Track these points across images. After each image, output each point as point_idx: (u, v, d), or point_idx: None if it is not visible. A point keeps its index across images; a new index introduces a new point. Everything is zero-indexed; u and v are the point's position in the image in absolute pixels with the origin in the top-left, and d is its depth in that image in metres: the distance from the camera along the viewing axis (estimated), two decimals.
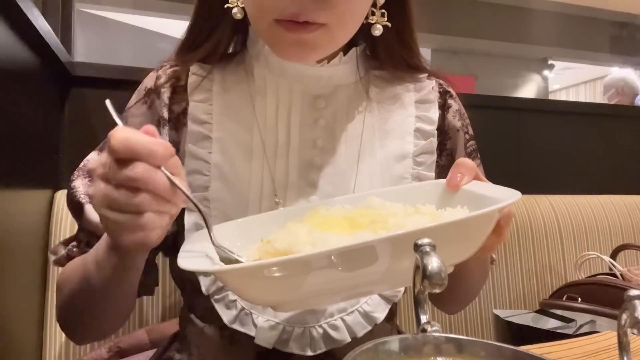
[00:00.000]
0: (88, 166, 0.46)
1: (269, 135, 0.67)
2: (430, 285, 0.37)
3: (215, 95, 0.68)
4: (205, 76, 0.69)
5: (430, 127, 0.71)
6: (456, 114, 0.75)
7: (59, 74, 1.09)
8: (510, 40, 6.13)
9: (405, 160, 0.70)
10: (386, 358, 0.32)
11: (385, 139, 0.70)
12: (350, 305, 0.66)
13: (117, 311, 0.64)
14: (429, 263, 0.36)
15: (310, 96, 0.68)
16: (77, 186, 0.68)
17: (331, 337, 0.64)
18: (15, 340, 0.79)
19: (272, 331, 0.63)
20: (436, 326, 0.37)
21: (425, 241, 0.40)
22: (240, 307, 0.64)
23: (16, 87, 0.80)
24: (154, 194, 0.45)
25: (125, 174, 0.44)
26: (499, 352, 0.33)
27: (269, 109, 0.68)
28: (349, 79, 0.70)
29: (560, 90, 9.34)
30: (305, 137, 0.67)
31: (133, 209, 0.45)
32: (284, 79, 0.67)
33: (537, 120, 1.61)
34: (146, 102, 0.70)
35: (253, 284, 0.44)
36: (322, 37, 0.59)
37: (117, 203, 0.45)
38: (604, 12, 6.15)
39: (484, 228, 0.48)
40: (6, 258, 0.74)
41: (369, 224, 0.51)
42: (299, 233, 0.49)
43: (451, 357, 0.33)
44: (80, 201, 0.66)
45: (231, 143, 0.67)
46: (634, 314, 0.33)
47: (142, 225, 0.46)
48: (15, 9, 0.73)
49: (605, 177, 1.69)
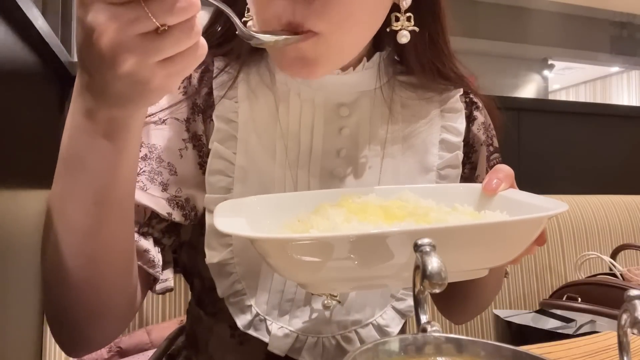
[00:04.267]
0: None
1: (291, 143, 0.65)
2: (431, 285, 0.37)
3: (241, 95, 0.65)
4: (233, 75, 0.65)
5: (457, 138, 0.69)
6: (481, 127, 0.73)
7: (59, 74, 1.09)
8: (510, 40, 6.13)
9: (429, 174, 0.68)
10: (386, 358, 0.32)
11: (409, 150, 0.68)
12: (365, 319, 0.65)
13: (124, 266, 0.52)
14: (429, 263, 0.36)
15: (333, 104, 0.66)
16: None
17: (344, 349, 0.64)
18: (15, 341, 0.79)
19: (285, 339, 0.63)
20: (436, 326, 0.37)
21: (426, 241, 0.40)
22: (255, 312, 0.63)
23: (16, 87, 0.80)
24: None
25: (182, 6, 0.36)
26: (499, 352, 0.33)
27: (291, 116, 0.65)
28: (371, 85, 0.67)
29: (560, 90, 9.33)
30: (329, 146, 0.65)
31: (197, 38, 0.39)
32: (306, 86, 0.65)
33: (537, 120, 1.61)
34: (178, 88, 0.64)
35: (292, 260, 0.43)
36: (319, 48, 0.55)
37: (179, 46, 0.38)
38: (604, 12, 6.14)
39: (531, 233, 0.47)
40: (6, 258, 0.74)
41: (407, 215, 0.50)
42: (337, 219, 0.48)
43: (451, 357, 0.33)
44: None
45: (256, 146, 0.64)
46: (634, 314, 0.33)
47: (203, 52, 0.40)
48: (15, 9, 0.73)
49: (605, 177, 1.69)
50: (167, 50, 0.38)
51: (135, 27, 0.36)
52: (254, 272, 0.62)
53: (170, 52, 0.38)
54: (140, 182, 0.58)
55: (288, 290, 0.63)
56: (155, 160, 0.60)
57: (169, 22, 0.37)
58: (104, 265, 0.50)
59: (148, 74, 0.39)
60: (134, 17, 0.36)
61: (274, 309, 0.63)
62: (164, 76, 0.40)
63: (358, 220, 0.49)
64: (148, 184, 0.59)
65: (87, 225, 0.47)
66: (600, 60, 6.97)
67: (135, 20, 0.36)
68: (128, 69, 0.38)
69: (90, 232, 0.47)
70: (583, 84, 9.16)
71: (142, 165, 0.59)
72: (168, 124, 0.62)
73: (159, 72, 0.39)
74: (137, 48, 0.37)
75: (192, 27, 0.38)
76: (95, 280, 0.50)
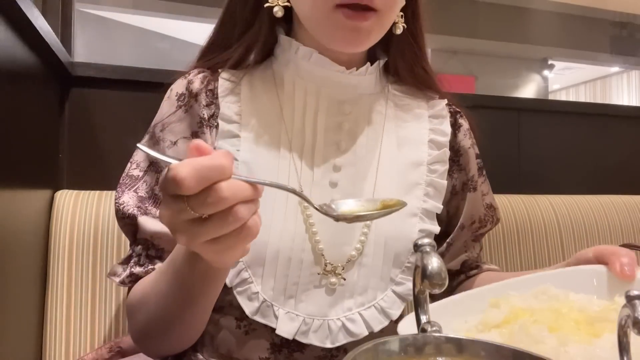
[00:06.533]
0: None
1: (295, 137, 0.71)
2: (431, 285, 0.37)
3: (244, 99, 0.72)
4: (236, 82, 0.73)
5: (443, 138, 0.77)
6: (467, 132, 0.81)
7: (59, 74, 1.09)
8: (510, 40, 6.13)
9: (420, 168, 0.74)
10: (386, 358, 0.32)
11: (402, 147, 0.75)
12: (367, 301, 0.69)
13: (199, 323, 0.65)
14: (429, 263, 0.36)
15: (336, 101, 0.72)
16: (125, 201, 0.69)
17: (349, 330, 0.68)
18: (15, 341, 0.79)
19: (292, 323, 0.67)
20: (436, 326, 0.37)
21: (426, 241, 0.40)
22: (262, 299, 0.67)
23: (16, 87, 0.80)
24: (243, 202, 0.45)
25: (212, 202, 0.43)
26: (499, 352, 0.33)
27: (296, 113, 0.72)
28: (371, 89, 0.76)
29: (560, 90, 9.34)
30: (330, 139, 0.72)
31: (237, 225, 0.45)
32: (312, 83, 0.72)
33: (537, 120, 1.61)
34: (181, 107, 0.71)
35: None
36: (375, 24, 0.65)
37: (218, 231, 0.45)
38: (604, 12, 6.14)
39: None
40: (6, 258, 0.74)
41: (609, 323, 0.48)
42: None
43: (451, 357, 0.33)
44: (134, 214, 0.68)
45: (259, 142, 0.70)
46: (634, 314, 0.33)
47: (249, 234, 0.46)
48: (15, 9, 0.73)
49: (605, 177, 1.68)
50: (209, 234, 0.45)
51: (181, 216, 0.44)
52: (260, 259, 0.67)
53: (213, 235, 0.45)
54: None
55: (293, 273, 0.67)
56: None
57: (205, 213, 0.44)
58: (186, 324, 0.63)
59: (200, 250, 0.47)
60: (181, 208, 0.44)
61: (280, 294, 0.67)
62: (213, 252, 0.47)
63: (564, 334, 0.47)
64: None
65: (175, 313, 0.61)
66: (600, 60, 6.97)
67: (182, 211, 0.44)
68: (183, 244, 0.47)
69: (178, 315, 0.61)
70: (583, 84, 9.16)
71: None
72: (179, 144, 0.70)
73: (208, 249, 0.47)
74: (185, 231, 0.45)
75: (229, 215, 0.44)
76: (188, 329, 0.64)
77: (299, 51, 0.71)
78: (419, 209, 0.72)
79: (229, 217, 0.44)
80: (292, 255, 0.67)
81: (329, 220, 0.66)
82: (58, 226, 0.96)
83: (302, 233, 0.68)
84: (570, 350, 0.45)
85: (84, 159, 1.14)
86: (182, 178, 0.42)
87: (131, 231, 0.69)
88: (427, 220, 0.73)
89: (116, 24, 4.82)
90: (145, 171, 0.71)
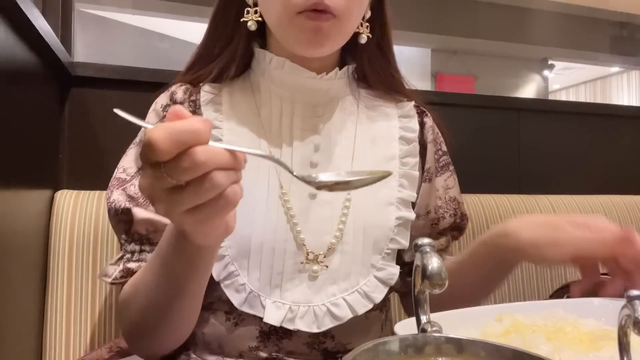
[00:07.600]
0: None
1: (274, 138, 0.75)
2: (431, 285, 0.37)
3: (225, 107, 0.77)
4: (217, 93, 0.77)
5: (412, 134, 0.82)
6: (430, 129, 0.85)
7: (59, 74, 1.09)
8: (510, 40, 6.13)
9: (393, 161, 0.79)
10: (386, 358, 0.32)
11: (375, 144, 0.80)
12: (350, 287, 0.72)
13: (189, 315, 0.66)
14: (429, 263, 0.36)
15: (310, 105, 0.77)
16: (116, 198, 0.71)
17: (334, 314, 0.70)
18: (15, 341, 0.79)
19: (279, 310, 0.69)
20: (436, 326, 0.37)
21: (426, 241, 0.40)
22: (249, 290, 0.70)
23: (16, 87, 0.80)
24: (221, 168, 0.44)
25: (187, 166, 0.42)
26: (499, 352, 0.33)
27: (274, 117, 0.76)
28: (342, 93, 0.81)
29: (560, 90, 9.34)
30: (307, 139, 0.76)
31: (214, 193, 0.44)
32: (287, 90, 0.76)
33: (537, 120, 1.61)
34: (166, 117, 0.72)
35: None
36: (334, 27, 0.69)
37: (196, 199, 0.44)
38: (604, 12, 6.14)
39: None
40: (6, 258, 0.74)
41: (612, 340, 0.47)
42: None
43: (451, 357, 0.33)
44: (127, 207, 0.70)
45: (241, 145, 0.70)
46: (634, 314, 0.33)
47: (228, 203, 0.45)
48: (15, 9, 0.73)
49: (605, 177, 1.68)
50: (186, 202, 0.44)
51: (159, 183, 0.44)
52: (245, 251, 0.70)
53: (191, 203, 0.44)
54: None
55: (277, 264, 0.70)
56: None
57: (181, 180, 0.43)
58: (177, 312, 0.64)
59: (179, 220, 0.47)
60: (158, 175, 0.43)
61: (266, 285, 0.70)
62: (192, 222, 0.46)
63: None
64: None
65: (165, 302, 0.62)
66: (600, 60, 6.98)
67: (159, 178, 0.43)
68: (162, 214, 0.47)
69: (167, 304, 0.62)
70: (583, 84, 9.17)
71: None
72: None
73: (187, 219, 0.46)
74: (164, 200, 0.45)
75: (204, 182, 0.43)
76: (180, 320, 0.65)
77: (272, 61, 0.75)
78: (394, 198, 0.76)
79: (205, 183, 0.43)
80: (275, 246, 0.70)
81: (308, 210, 0.71)
82: (58, 226, 0.96)
83: (283, 224, 0.71)
84: (564, 356, 0.44)
85: (84, 159, 1.14)
86: (155, 140, 0.41)
87: (125, 227, 0.71)
88: (403, 208, 0.76)
89: (116, 24, 4.82)
90: (133, 176, 0.74)
